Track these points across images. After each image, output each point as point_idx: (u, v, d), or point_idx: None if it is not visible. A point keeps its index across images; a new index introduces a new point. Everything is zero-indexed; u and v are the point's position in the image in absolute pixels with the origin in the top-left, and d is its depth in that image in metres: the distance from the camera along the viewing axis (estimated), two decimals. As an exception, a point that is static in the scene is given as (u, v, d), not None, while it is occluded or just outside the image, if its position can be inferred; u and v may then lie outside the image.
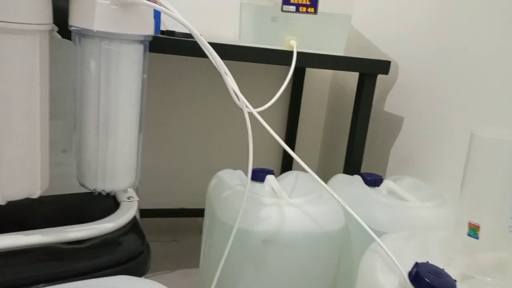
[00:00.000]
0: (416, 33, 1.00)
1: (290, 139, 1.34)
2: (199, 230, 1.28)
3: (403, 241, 0.63)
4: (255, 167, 0.84)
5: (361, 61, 0.94)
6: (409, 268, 0.54)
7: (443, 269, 0.53)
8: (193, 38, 0.86)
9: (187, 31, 0.90)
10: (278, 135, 0.61)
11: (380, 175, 0.90)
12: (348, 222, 0.75)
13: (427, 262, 0.54)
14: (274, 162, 1.38)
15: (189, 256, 1.13)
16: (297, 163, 1.37)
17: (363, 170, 1.03)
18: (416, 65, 0.99)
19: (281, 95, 1.33)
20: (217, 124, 1.29)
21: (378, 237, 0.61)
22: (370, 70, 0.96)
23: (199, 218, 1.34)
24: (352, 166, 1.00)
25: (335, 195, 0.63)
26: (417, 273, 0.53)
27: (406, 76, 1.03)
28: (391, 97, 1.08)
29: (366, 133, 0.99)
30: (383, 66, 0.96)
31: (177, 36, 0.88)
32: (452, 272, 0.53)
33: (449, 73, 0.91)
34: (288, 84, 1.32)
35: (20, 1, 0.42)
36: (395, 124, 1.06)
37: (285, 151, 1.36)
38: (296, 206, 0.71)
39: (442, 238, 0.63)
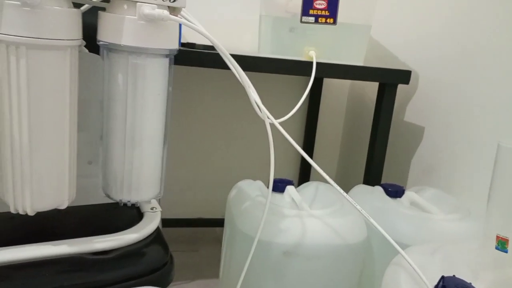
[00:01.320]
0: (437, 41, 0.99)
1: (308, 150, 1.33)
2: (217, 240, 1.28)
3: (427, 254, 0.62)
4: (274, 178, 0.84)
5: (381, 71, 0.94)
6: (435, 282, 0.53)
7: (470, 283, 0.52)
8: (213, 50, 0.88)
9: (207, 43, 0.91)
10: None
11: (402, 186, 0.88)
12: (370, 234, 0.74)
13: (454, 276, 0.53)
14: (292, 173, 1.38)
15: (208, 266, 1.13)
16: (315, 173, 1.37)
17: (383, 181, 1.02)
18: (438, 74, 0.98)
19: (300, 106, 1.33)
20: (234, 134, 1.29)
21: (401, 249, 0.60)
22: (390, 80, 0.95)
23: (217, 228, 1.34)
24: (372, 176, 0.99)
25: (358, 207, 0.62)
26: (443, 287, 0.52)
27: (427, 85, 1.02)
28: (411, 106, 1.07)
29: (387, 144, 0.98)
30: (404, 76, 0.95)
31: (197, 48, 0.89)
32: (479, 287, 0.52)
33: (473, 82, 0.89)
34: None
35: (53, 18, 0.44)
36: (415, 134, 1.05)
37: (302, 161, 1.36)
38: (317, 217, 0.71)
39: (469, 251, 0.62)
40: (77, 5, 0.50)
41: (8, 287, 0.48)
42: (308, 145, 1.33)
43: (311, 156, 1.35)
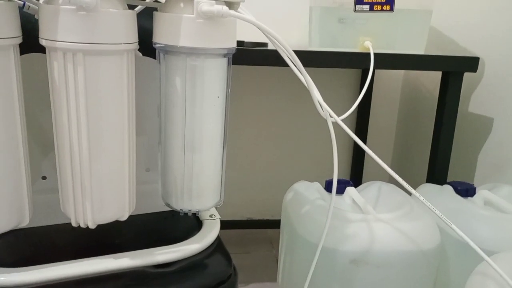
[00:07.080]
0: (504, 24, 0.90)
1: (360, 147, 1.27)
2: (268, 242, 1.25)
3: (517, 262, 0.55)
4: (330, 179, 0.79)
5: (445, 59, 0.86)
6: (530, 296, 0.47)
7: None
8: (262, 47, 0.84)
9: (255, 41, 0.88)
10: (347, 143, 0.56)
11: (472, 183, 0.81)
12: (444, 239, 0.68)
13: (554, 289, 0.47)
14: (343, 172, 1.32)
15: (261, 269, 1.09)
16: (367, 172, 1.29)
17: (447, 179, 0.94)
18: (506, 60, 0.89)
19: (349, 99, 1.27)
20: (282, 133, 1.25)
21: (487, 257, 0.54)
22: (456, 68, 0.87)
23: (268, 230, 1.30)
24: (437, 174, 0.91)
25: (437, 212, 0.56)
26: (545, 303, 0.45)
27: (495, 72, 0.93)
28: (476, 96, 0.98)
29: (453, 138, 0.90)
30: (471, 63, 0.87)
31: (246, 46, 0.85)
32: None
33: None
34: (356, 86, 1.26)
35: (109, 22, 0.41)
36: (483, 126, 0.96)
37: (354, 160, 1.29)
38: (385, 222, 0.65)
39: None
40: (130, 7, 0.47)
41: (72, 301, 0.47)
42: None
43: (363, 155, 1.28)
